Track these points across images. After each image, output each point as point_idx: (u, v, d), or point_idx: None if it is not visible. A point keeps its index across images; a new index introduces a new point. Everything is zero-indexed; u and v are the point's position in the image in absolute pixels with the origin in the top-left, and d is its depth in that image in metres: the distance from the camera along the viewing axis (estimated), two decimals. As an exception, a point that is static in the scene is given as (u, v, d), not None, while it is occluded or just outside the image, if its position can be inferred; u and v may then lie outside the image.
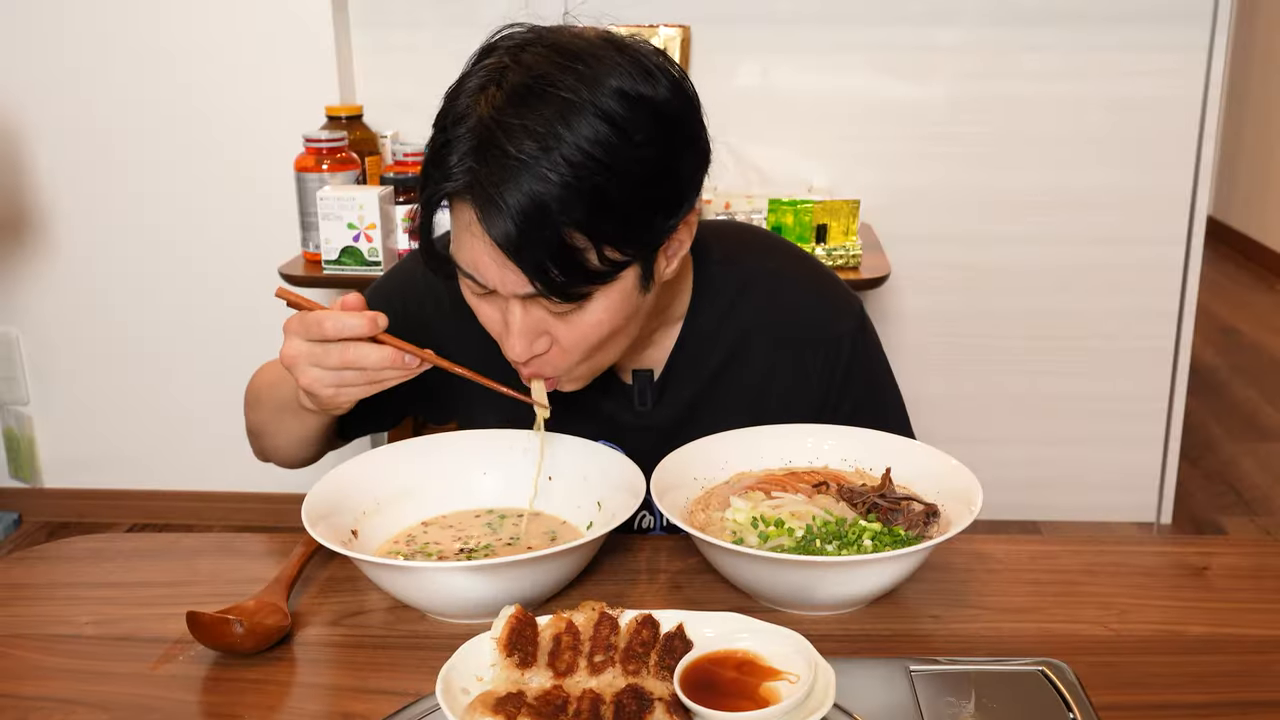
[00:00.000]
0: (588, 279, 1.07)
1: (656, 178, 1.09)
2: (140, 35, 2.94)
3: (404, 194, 2.56)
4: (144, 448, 3.30)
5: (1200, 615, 1.11)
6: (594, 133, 1.03)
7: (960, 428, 3.15)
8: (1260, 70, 6.07)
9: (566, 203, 1.02)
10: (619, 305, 1.12)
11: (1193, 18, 2.87)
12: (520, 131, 1.02)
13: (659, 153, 1.08)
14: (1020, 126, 2.98)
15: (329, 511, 1.15)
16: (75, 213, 3.10)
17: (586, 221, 1.04)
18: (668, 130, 1.09)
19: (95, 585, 1.19)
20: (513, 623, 0.90)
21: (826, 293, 1.37)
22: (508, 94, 1.04)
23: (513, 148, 1.02)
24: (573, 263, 1.05)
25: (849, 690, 0.91)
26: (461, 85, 1.10)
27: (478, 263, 1.08)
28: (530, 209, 1.02)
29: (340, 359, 1.08)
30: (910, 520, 1.13)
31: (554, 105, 1.03)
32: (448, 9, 2.94)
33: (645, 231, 1.10)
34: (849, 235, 2.60)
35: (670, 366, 1.33)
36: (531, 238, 1.03)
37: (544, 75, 1.05)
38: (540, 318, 1.11)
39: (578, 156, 1.02)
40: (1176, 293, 3.08)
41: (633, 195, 1.06)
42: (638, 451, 1.28)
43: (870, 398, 1.37)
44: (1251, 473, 3.64)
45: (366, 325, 1.07)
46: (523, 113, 1.03)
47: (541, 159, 1.02)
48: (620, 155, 1.04)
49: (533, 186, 1.02)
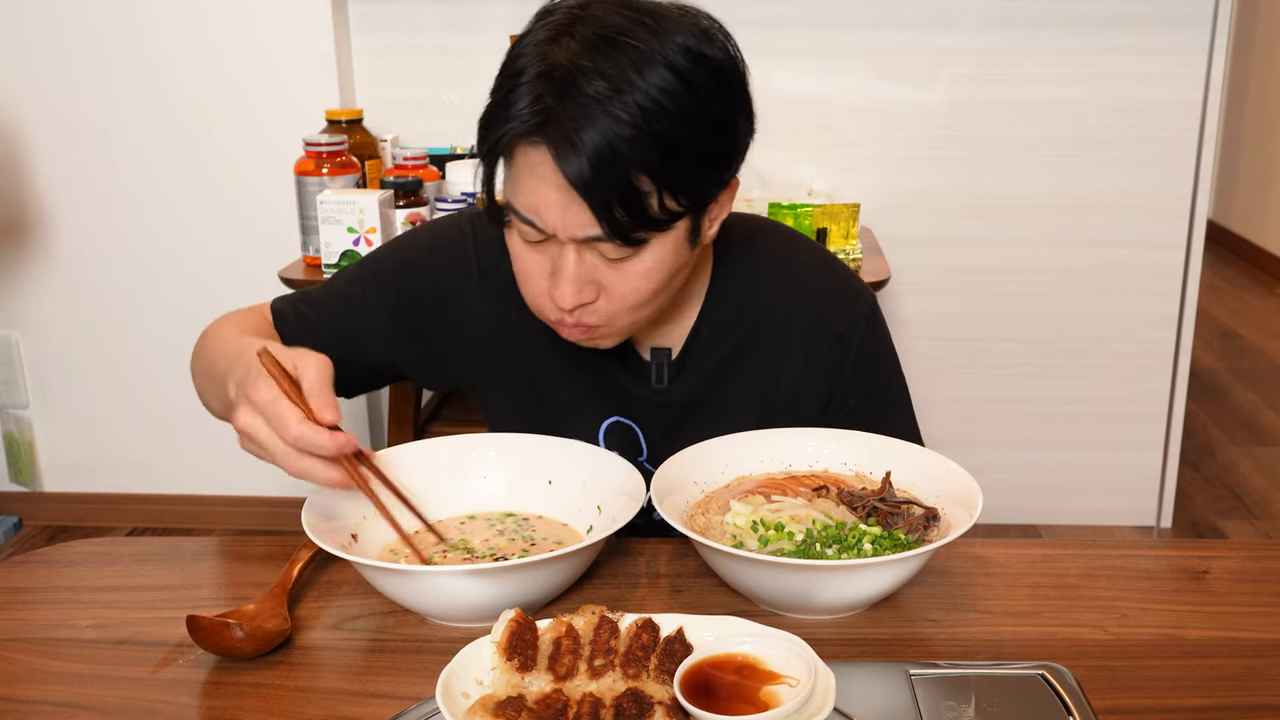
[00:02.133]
0: (648, 224, 1.12)
1: (716, 132, 1.14)
2: (141, 40, 2.95)
3: (404, 198, 2.56)
4: (144, 451, 3.30)
5: (1200, 619, 1.11)
6: (663, 81, 1.08)
7: (960, 431, 3.15)
8: (1260, 74, 6.07)
9: (637, 145, 1.07)
10: (669, 257, 1.17)
11: (1192, 21, 2.88)
12: (595, 74, 1.07)
13: (719, 108, 1.14)
14: (1020, 130, 2.98)
15: (329, 515, 1.15)
16: (75, 217, 3.10)
17: (653, 166, 1.09)
18: (726, 89, 1.14)
19: (95, 589, 1.19)
20: (513, 626, 0.90)
21: (840, 281, 1.41)
22: (581, 42, 1.09)
23: (589, 89, 1.06)
24: (637, 206, 1.10)
25: (849, 694, 0.91)
26: (524, 41, 1.14)
27: (540, 205, 1.12)
28: (604, 148, 1.06)
29: (287, 460, 1.07)
30: (910, 524, 1.13)
31: (626, 53, 1.08)
32: (447, 13, 2.94)
33: (702, 183, 1.16)
34: (849, 239, 2.60)
35: (688, 346, 1.36)
36: (603, 177, 1.07)
37: (616, 26, 1.10)
38: (592, 266, 1.15)
39: (648, 103, 1.07)
40: (1176, 296, 3.08)
41: (695, 145, 1.12)
42: (651, 427, 1.35)
43: (879, 385, 1.40)
44: (1251, 476, 3.64)
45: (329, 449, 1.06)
46: (597, 58, 1.08)
47: (615, 101, 1.06)
48: (686, 106, 1.09)
49: (608, 126, 1.06)
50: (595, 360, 1.34)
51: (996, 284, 3.09)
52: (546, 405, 1.37)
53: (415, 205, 2.57)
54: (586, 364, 1.35)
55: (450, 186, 2.70)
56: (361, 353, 1.37)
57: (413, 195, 2.57)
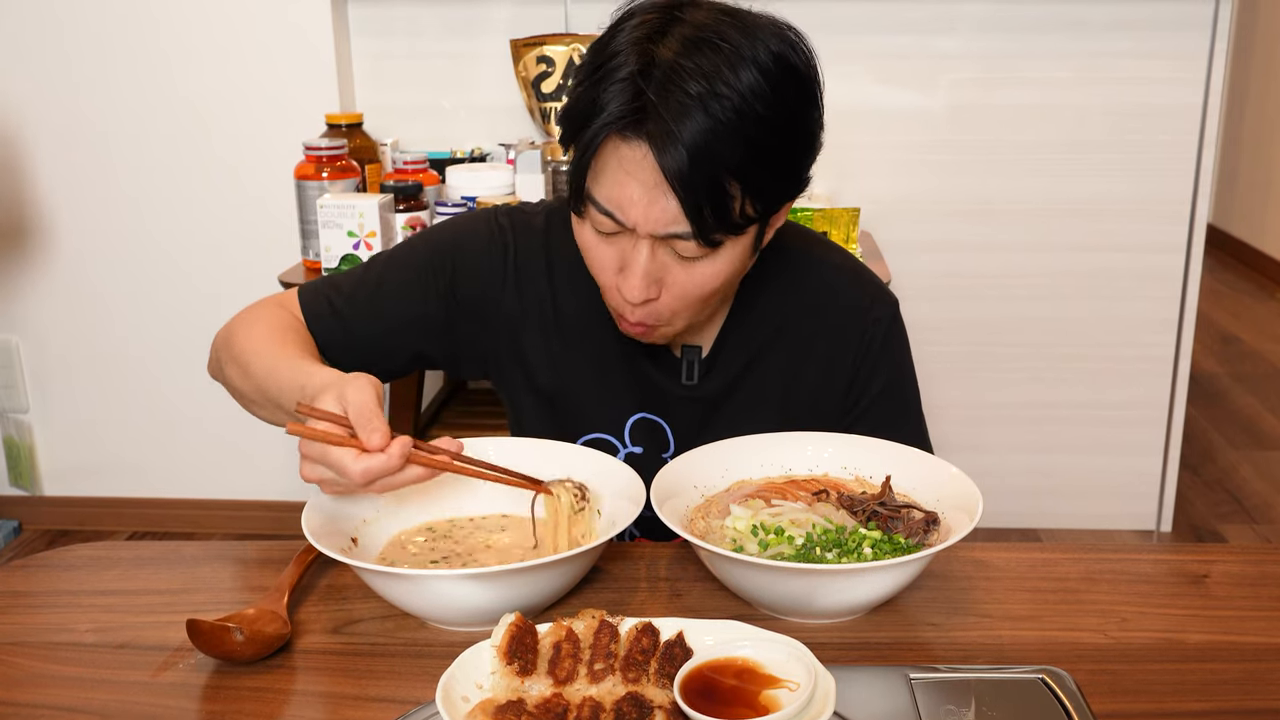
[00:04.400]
0: (729, 227, 1.15)
1: (799, 137, 1.18)
2: (141, 43, 2.95)
3: (404, 202, 2.57)
4: (144, 456, 3.30)
5: (1200, 623, 1.11)
6: (755, 83, 1.10)
7: (960, 435, 3.15)
8: (1260, 78, 6.08)
9: (732, 145, 1.10)
10: (737, 260, 1.21)
11: (1193, 26, 2.88)
12: (696, 73, 1.09)
13: (801, 113, 1.17)
14: (1020, 134, 2.98)
15: (329, 519, 1.15)
16: (75, 221, 3.10)
17: (742, 168, 1.12)
18: (807, 96, 1.18)
19: (95, 593, 1.19)
20: (513, 630, 0.90)
21: (868, 281, 1.44)
22: (680, 42, 1.11)
23: (690, 88, 1.09)
24: (724, 208, 1.13)
25: (849, 698, 0.91)
26: (618, 35, 1.15)
27: (624, 199, 1.14)
28: (703, 145, 1.09)
29: (373, 491, 1.09)
30: (910, 528, 1.13)
31: (723, 55, 1.10)
32: (447, 17, 2.95)
33: (781, 189, 1.19)
34: (849, 243, 2.60)
35: (719, 344, 1.38)
36: (699, 173, 1.10)
37: (710, 27, 1.12)
38: (663, 263, 1.18)
39: (742, 104, 1.10)
40: (1177, 300, 3.08)
41: (779, 150, 1.16)
42: (678, 423, 1.38)
43: (895, 385, 1.42)
44: (1251, 480, 3.64)
45: (397, 466, 1.06)
46: (696, 58, 1.10)
47: (713, 101, 1.09)
48: (775, 109, 1.12)
49: (706, 124, 1.09)
50: (626, 356, 1.37)
51: (996, 288, 3.09)
52: (573, 399, 1.39)
53: (415, 209, 2.57)
54: (617, 360, 1.37)
55: (450, 190, 2.70)
56: (392, 342, 1.38)
57: (413, 199, 2.57)
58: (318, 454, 1.07)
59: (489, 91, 2.97)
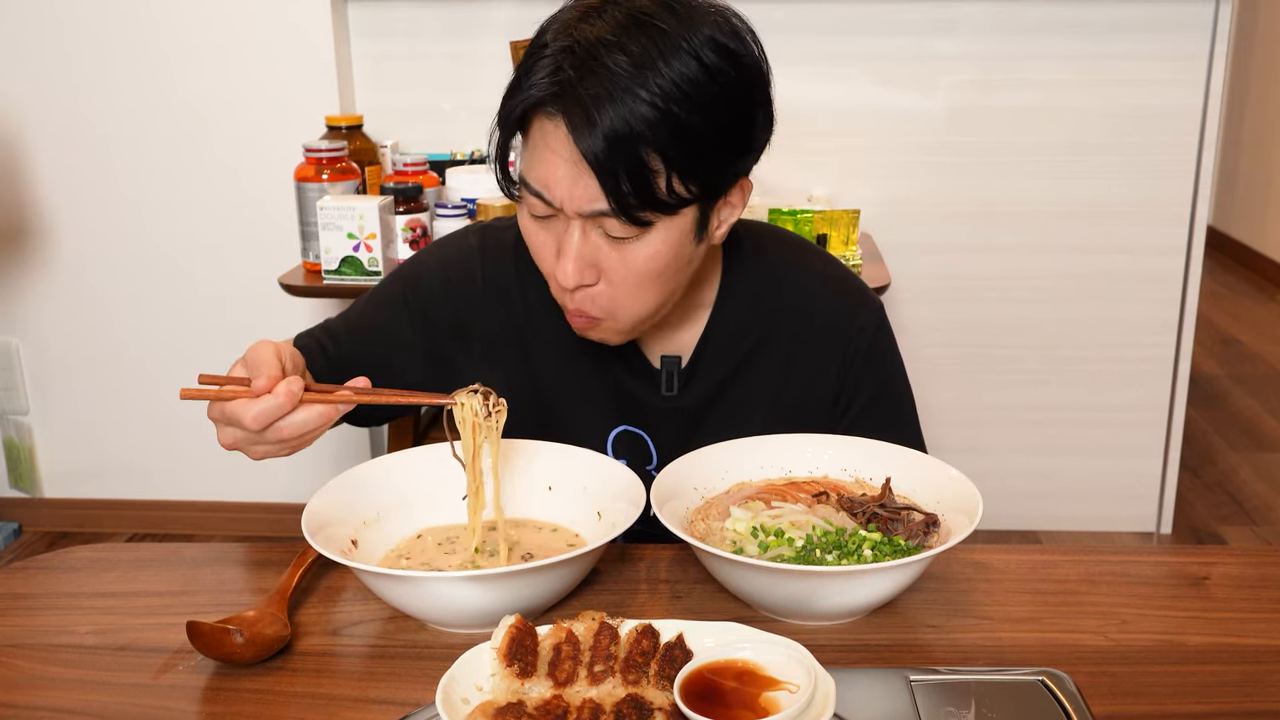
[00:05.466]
0: (655, 205, 1.13)
1: (732, 122, 1.16)
2: (141, 44, 2.95)
3: (404, 203, 2.57)
4: (144, 457, 3.30)
5: (1200, 625, 1.11)
6: (686, 69, 1.10)
7: (960, 437, 3.15)
8: (1260, 79, 6.08)
9: (652, 125, 1.09)
10: (674, 244, 1.18)
11: (1193, 27, 2.88)
12: (619, 50, 1.09)
13: (738, 101, 1.16)
14: (1020, 136, 2.98)
15: (329, 521, 1.15)
16: (75, 223, 3.10)
17: (666, 146, 1.10)
18: (748, 84, 1.17)
19: (95, 595, 1.19)
20: (513, 632, 0.90)
21: (849, 287, 1.41)
22: (611, 21, 1.11)
23: (611, 64, 1.09)
24: (645, 184, 1.11)
25: (849, 700, 0.91)
26: (557, 16, 1.15)
27: (550, 177, 1.13)
28: (618, 123, 1.08)
29: (275, 437, 1.10)
30: (910, 530, 1.13)
31: (653, 36, 1.10)
32: (447, 19, 2.95)
33: (714, 171, 1.17)
34: (849, 245, 2.61)
35: (697, 353, 1.36)
36: (615, 150, 1.09)
37: (646, 10, 1.12)
38: (596, 246, 1.16)
39: (669, 86, 1.09)
40: (1176, 302, 3.08)
41: (709, 132, 1.13)
42: (660, 435, 1.35)
43: (885, 391, 1.40)
44: (1251, 482, 3.64)
45: (285, 403, 1.08)
46: (623, 37, 1.10)
47: (635, 78, 1.08)
48: (706, 93, 1.11)
49: (624, 102, 1.08)
50: (604, 369, 1.35)
51: (996, 290, 3.09)
52: (554, 413, 1.37)
53: (415, 211, 2.57)
54: (596, 372, 1.35)
55: (450, 192, 2.70)
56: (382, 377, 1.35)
57: (413, 201, 2.57)
58: (219, 414, 1.10)
59: (489, 93, 2.92)
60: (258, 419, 1.07)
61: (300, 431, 1.10)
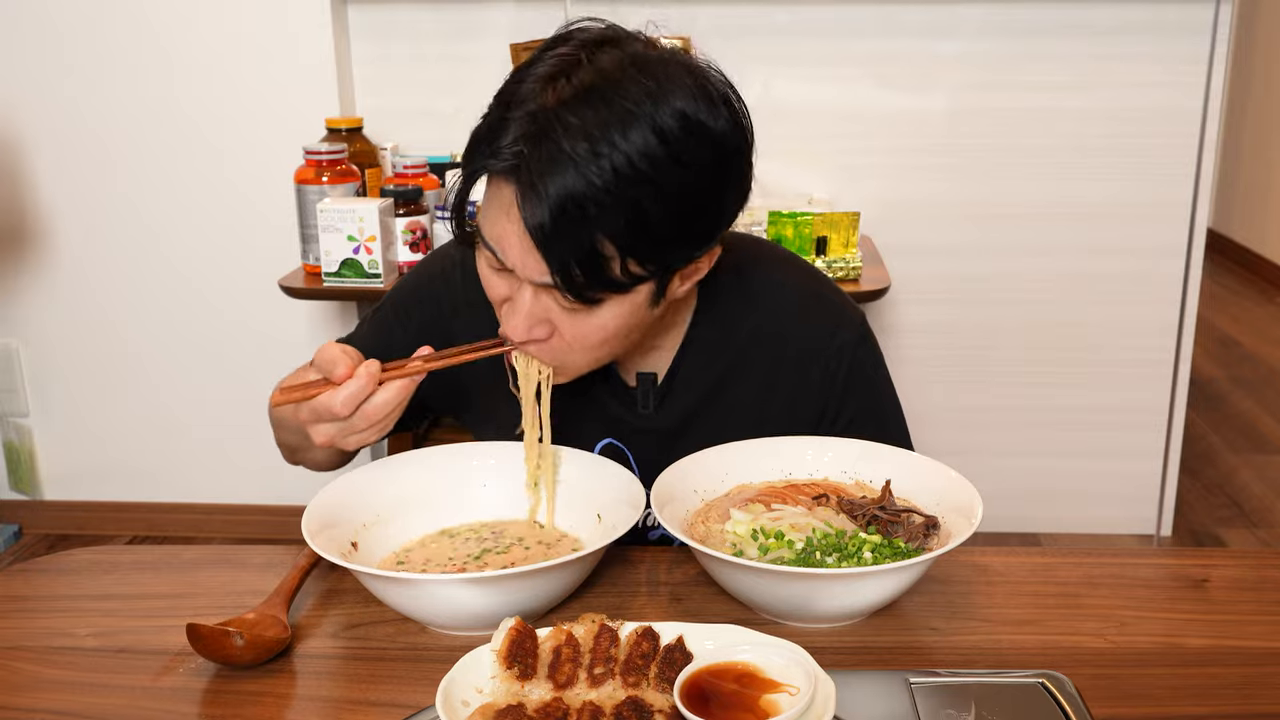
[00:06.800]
0: (605, 286, 1.09)
1: (696, 205, 1.11)
2: (140, 48, 2.95)
3: (404, 206, 2.57)
4: (144, 460, 3.30)
5: (1200, 627, 1.10)
6: (645, 145, 1.04)
7: (960, 440, 3.15)
8: (1260, 82, 6.08)
9: (605, 209, 1.04)
10: (627, 315, 1.14)
11: (1193, 30, 2.88)
12: (577, 130, 1.03)
13: (704, 180, 1.10)
14: (1020, 138, 2.98)
15: (329, 524, 1.15)
16: (75, 225, 3.10)
17: (619, 233, 1.06)
18: (717, 162, 1.10)
19: (95, 597, 1.19)
20: (513, 635, 0.90)
21: (829, 305, 1.37)
22: (574, 89, 1.05)
23: (566, 143, 1.03)
24: (596, 268, 1.07)
25: (849, 702, 0.91)
26: (529, 69, 1.10)
27: (503, 241, 1.10)
28: (569, 206, 1.03)
29: (366, 421, 1.12)
30: (910, 532, 1.13)
31: (615, 111, 1.04)
32: (448, 21, 2.95)
33: (673, 254, 1.13)
34: (849, 247, 2.61)
35: (674, 371, 1.34)
36: (563, 234, 1.05)
37: (612, 80, 1.05)
38: (547, 306, 1.13)
39: (625, 167, 1.03)
40: (1176, 304, 3.08)
41: (669, 216, 1.08)
42: (641, 453, 1.32)
43: (869, 410, 1.37)
44: (1251, 484, 3.64)
45: (368, 384, 1.10)
46: (583, 112, 1.04)
47: (590, 162, 1.03)
48: (666, 175, 1.05)
49: (576, 185, 1.03)
50: (584, 386, 1.31)
51: (996, 292, 3.10)
52: None
53: (415, 213, 2.57)
54: (576, 390, 1.30)
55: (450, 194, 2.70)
56: None
57: (413, 203, 2.58)
58: (309, 414, 1.12)
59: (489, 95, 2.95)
60: (347, 403, 1.09)
61: (385, 411, 1.12)
